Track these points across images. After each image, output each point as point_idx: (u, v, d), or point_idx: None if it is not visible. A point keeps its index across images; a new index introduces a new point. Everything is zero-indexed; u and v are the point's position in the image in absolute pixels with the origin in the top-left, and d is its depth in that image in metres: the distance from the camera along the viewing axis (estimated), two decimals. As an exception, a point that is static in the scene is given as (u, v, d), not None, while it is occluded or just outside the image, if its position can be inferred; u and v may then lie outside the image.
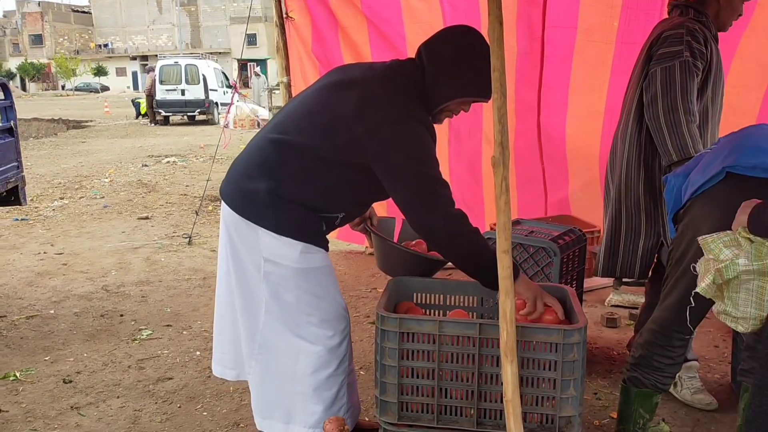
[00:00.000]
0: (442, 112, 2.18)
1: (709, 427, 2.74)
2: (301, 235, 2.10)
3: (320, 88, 2.20)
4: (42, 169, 10.84)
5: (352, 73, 2.20)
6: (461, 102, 2.16)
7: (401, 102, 2.06)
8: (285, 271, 2.11)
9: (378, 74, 2.16)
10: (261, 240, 2.11)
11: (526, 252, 3.14)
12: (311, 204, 2.12)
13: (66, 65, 55.76)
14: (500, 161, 1.82)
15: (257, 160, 2.15)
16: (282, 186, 2.09)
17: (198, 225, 6.39)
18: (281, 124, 2.18)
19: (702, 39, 2.77)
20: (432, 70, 2.12)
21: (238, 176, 2.18)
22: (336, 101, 2.10)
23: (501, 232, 1.84)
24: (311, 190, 2.11)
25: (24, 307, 4.33)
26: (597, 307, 4.19)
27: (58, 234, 6.50)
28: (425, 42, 2.18)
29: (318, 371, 2.18)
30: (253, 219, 2.11)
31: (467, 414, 2.02)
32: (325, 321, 2.18)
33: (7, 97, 4.32)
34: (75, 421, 2.86)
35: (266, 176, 2.10)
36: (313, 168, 2.09)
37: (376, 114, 2.03)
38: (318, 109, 2.13)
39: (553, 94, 4.46)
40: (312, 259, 2.13)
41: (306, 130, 2.11)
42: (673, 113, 2.71)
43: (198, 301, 4.41)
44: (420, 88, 2.12)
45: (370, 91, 2.09)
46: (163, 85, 20.77)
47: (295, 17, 4.59)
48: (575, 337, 1.92)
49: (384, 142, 2.02)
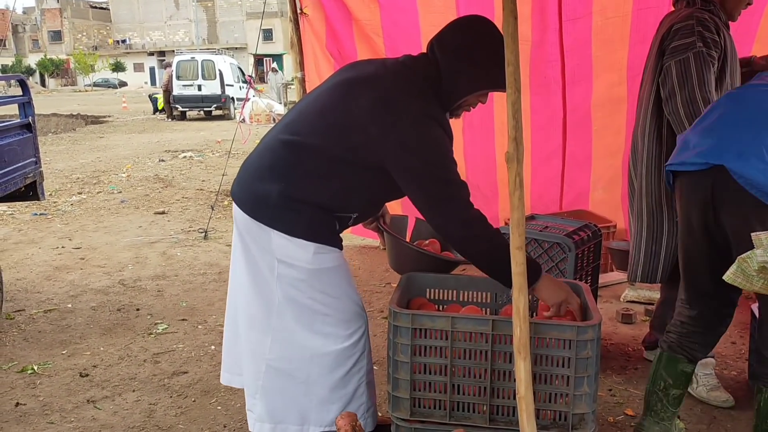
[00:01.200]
0: (460, 107, 2.15)
1: (726, 425, 2.72)
2: (314, 236, 2.08)
3: (332, 87, 2.15)
4: (60, 165, 10.95)
5: (365, 71, 2.15)
6: (480, 94, 2.12)
7: (417, 101, 2.02)
8: (299, 272, 2.09)
9: (391, 71, 2.10)
10: (273, 242, 2.08)
11: (541, 247, 3.12)
12: (324, 205, 2.09)
13: (84, 61, 56.22)
14: (514, 157, 1.80)
15: (268, 161, 2.11)
16: (294, 188, 2.06)
17: (214, 220, 6.42)
18: (292, 124, 2.14)
19: (713, 27, 2.72)
20: (448, 64, 2.07)
21: (249, 178, 2.15)
22: (349, 100, 2.05)
23: (515, 229, 1.83)
24: (324, 191, 2.07)
25: (42, 301, 4.39)
26: (612, 302, 4.16)
27: (76, 228, 6.57)
28: (436, 36, 2.14)
29: (334, 371, 2.15)
30: (265, 221, 2.08)
31: (480, 410, 2.02)
32: (342, 321, 2.15)
33: (25, 93, 4.35)
34: (91, 414, 2.89)
35: (278, 178, 2.07)
36: (326, 169, 2.05)
37: (390, 114, 1.99)
38: (330, 108, 2.08)
39: (578, 87, 4.45)
40: (326, 260, 2.11)
41: (318, 130, 2.07)
42: (692, 105, 2.68)
43: (213, 296, 4.43)
44: (435, 84, 2.08)
45: (384, 90, 2.03)
46: (179, 80, 20.86)
47: (309, 13, 4.58)
48: (589, 333, 1.90)
49: (399, 144, 1.98)
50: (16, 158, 4.01)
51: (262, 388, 2.19)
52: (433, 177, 2.00)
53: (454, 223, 2.00)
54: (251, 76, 19.37)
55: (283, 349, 2.15)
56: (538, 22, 4.25)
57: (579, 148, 4.69)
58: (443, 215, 2.01)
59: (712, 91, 2.70)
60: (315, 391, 2.16)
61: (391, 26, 4.50)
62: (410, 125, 1.98)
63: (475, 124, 4.68)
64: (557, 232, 3.10)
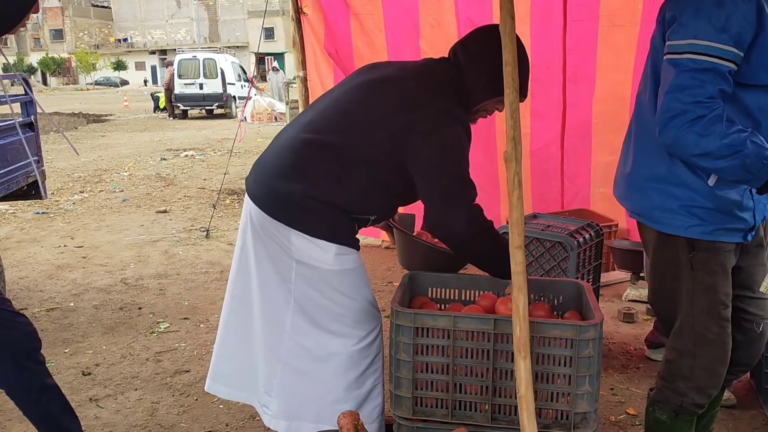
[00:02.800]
0: (478, 111, 2.20)
1: (728, 424, 2.72)
2: (336, 238, 2.08)
3: (354, 87, 2.18)
4: (62, 163, 10.96)
5: (387, 72, 2.20)
6: (498, 101, 2.15)
7: (442, 100, 2.07)
8: (318, 273, 2.08)
9: (415, 73, 2.16)
10: (293, 242, 2.07)
11: (543, 246, 3.12)
12: (345, 206, 2.09)
13: (86, 60, 56.27)
14: (512, 156, 1.81)
15: (290, 160, 2.10)
16: (317, 188, 2.06)
17: (215, 218, 6.43)
18: (314, 124, 2.14)
19: None
20: (471, 68, 2.12)
21: (269, 178, 2.13)
22: (374, 99, 2.10)
23: (514, 228, 1.83)
24: (346, 192, 2.07)
25: (44, 299, 4.40)
26: (614, 302, 4.16)
27: (78, 227, 6.58)
28: (460, 42, 2.20)
29: (349, 371, 2.15)
30: (286, 221, 2.06)
31: (481, 409, 2.02)
32: (358, 321, 2.15)
33: (27, 92, 4.36)
34: (94, 413, 2.90)
35: (301, 178, 2.06)
36: (349, 168, 2.06)
37: (416, 110, 2.04)
38: (354, 107, 2.11)
39: (579, 85, 4.44)
40: (346, 261, 2.11)
41: (342, 128, 2.09)
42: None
43: (215, 295, 4.44)
44: (457, 87, 2.12)
45: (407, 89, 2.09)
46: (181, 79, 20.88)
47: (309, 12, 4.58)
48: (590, 332, 1.90)
49: (421, 137, 2.02)
50: (19, 157, 4.01)
51: (277, 386, 2.20)
52: (447, 172, 2.03)
53: (460, 220, 2.02)
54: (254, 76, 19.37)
55: (298, 349, 2.15)
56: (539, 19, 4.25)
57: (580, 147, 4.68)
58: (450, 212, 2.02)
59: None
60: (330, 390, 2.15)
61: (393, 21, 4.50)
62: (432, 121, 2.03)
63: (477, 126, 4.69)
64: (559, 231, 3.11)
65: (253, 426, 2.76)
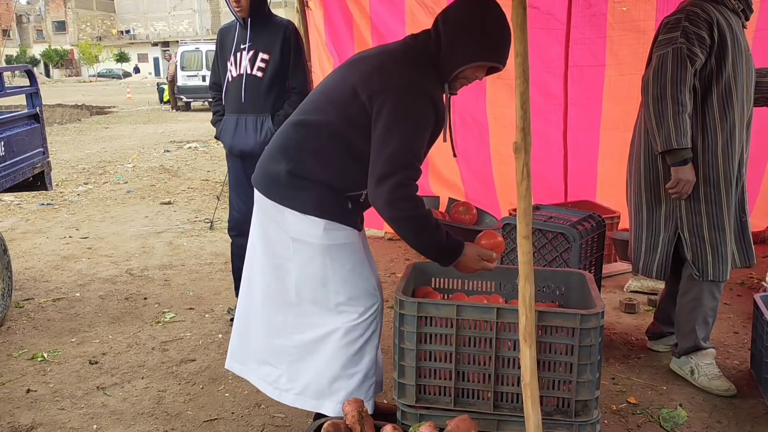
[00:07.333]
0: (456, 79, 2.16)
1: (727, 413, 2.74)
2: (324, 213, 2.14)
3: (337, 69, 2.30)
4: (66, 155, 10.99)
5: (367, 52, 2.30)
6: (476, 67, 2.13)
7: (409, 71, 2.08)
8: (311, 249, 2.16)
9: (392, 49, 2.22)
10: (287, 220, 2.17)
11: (545, 237, 3.14)
12: (332, 182, 2.16)
13: (89, 51, 56.23)
14: (522, 147, 1.82)
15: (279, 143, 2.22)
16: (302, 166, 2.14)
17: (219, 210, 6.45)
18: (301, 107, 2.27)
19: (705, 22, 2.65)
20: (447, 35, 2.11)
21: (263, 161, 2.26)
22: (350, 75, 2.16)
23: (521, 218, 1.86)
24: (330, 168, 2.14)
25: (50, 289, 4.43)
26: (616, 292, 4.18)
27: (83, 218, 6.61)
28: (442, 11, 2.18)
29: (345, 347, 2.20)
30: (278, 200, 2.17)
31: (485, 397, 2.05)
32: (353, 298, 2.20)
33: (32, 84, 4.38)
34: (101, 401, 2.93)
35: (287, 158, 2.16)
36: (329, 145, 2.13)
37: (382, 79, 2.07)
38: (331, 86, 2.21)
39: (584, 78, 4.47)
40: (336, 236, 2.17)
41: (321, 107, 2.18)
42: (662, 102, 2.66)
43: (219, 285, 4.47)
44: (434, 56, 2.13)
45: (379, 62, 2.14)
46: (184, 71, 20.86)
47: (312, 8, 4.63)
48: (592, 322, 1.93)
49: (384, 103, 2.03)
50: (24, 148, 4.04)
51: (284, 363, 2.30)
52: (401, 141, 2.01)
53: (381, 198, 2.01)
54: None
55: (301, 326, 2.24)
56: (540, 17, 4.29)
57: (584, 138, 4.70)
58: (381, 183, 2.01)
59: (685, 90, 2.66)
60: (329, 366, 2.22)
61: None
62: (397, 91, 2.04)
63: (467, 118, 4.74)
64: (562, 223, 3.13)
65: (258, 414, 2.79)
